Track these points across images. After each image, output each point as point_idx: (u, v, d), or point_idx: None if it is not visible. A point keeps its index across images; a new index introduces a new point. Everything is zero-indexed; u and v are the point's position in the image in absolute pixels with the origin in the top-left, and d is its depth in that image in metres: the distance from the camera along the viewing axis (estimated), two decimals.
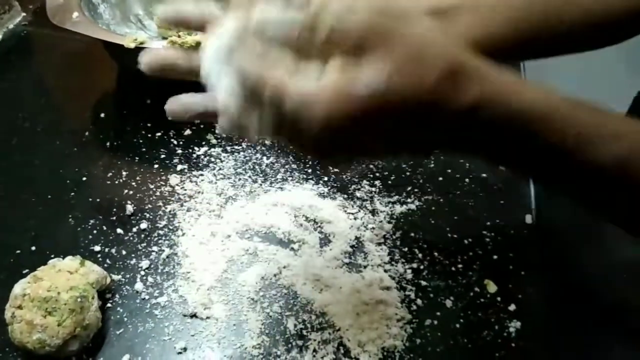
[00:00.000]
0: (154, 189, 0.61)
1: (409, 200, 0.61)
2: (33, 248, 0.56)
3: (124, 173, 0.63)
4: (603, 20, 0.45)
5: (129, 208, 0.59)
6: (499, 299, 0.53)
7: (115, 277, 0.53)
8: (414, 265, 0.55)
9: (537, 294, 0.53)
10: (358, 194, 0.61)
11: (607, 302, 0.53)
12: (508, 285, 0.53)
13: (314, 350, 0.49)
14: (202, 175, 0.63)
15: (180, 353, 0.49)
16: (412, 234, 0.58)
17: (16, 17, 0.82)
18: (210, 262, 0.55)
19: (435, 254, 0.56)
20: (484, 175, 0.63)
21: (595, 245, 0.55)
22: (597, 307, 0.54)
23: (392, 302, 0.52)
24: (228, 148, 0.67)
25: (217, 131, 0.61)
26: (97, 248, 0.56)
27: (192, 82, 0.37)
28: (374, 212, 0.60)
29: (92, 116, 0.70)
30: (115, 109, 0.72)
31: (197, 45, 0.63)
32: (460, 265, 0.55)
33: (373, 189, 0.62)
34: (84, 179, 0.63)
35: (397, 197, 0.61)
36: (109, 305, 0.52)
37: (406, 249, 0.56)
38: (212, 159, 0.65)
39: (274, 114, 0.31)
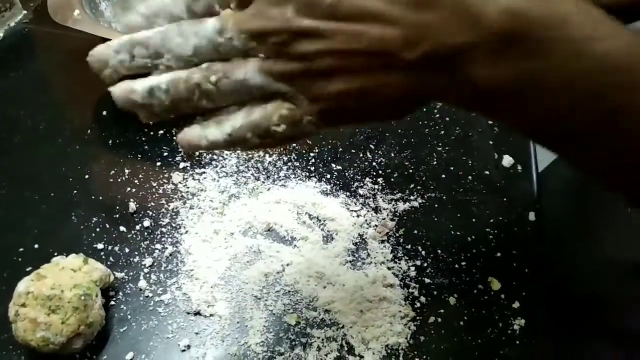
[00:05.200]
0: (157, 187, 0.61)
1: (412, 198, 0.61)
2: (36, 246, 0.56)
3: (127, 171, 0.63)
4: None
5: (132, 206, 0.59)
6: (503, 296, 0.53)
7: (119, 275, 0.53)
8: (418, 263, 0.55)
9: (541, 292, 0.53)
10: (361, 191, 0.61)
11: (612, 300, 0.53)
12: (512, 283, 0.54)
13: (318, 348, 0.49)
14: (205, 173, 0.63)
15: (184, 351, 0.49)
16: (416, 232, 0.58)
17: (17, 15, 0.82)
18: (214, 260, 0.55)
19: (439, 251, 0.56)
20: (487, 172, 0.63)
21: (599, 243, 0.55)
22: (601, 305, 0.54)
23: (396, 299, 0.52)
24: None
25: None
26: (100, 246, 0.56)
27: None
28: (377, 209, 0.60)
29: (94, 114, 0.70)
30: (117, 107, 0.71)
31: None
32: (464, 263, 0.55)
33: (376, 186, 0.62)
34: (87, 177, 0.62)
35: (400, 194, 0.61)
36: (112, 303, 0.52)
37: (410, 247, 0.56)
38: (215, 157, 0.65)
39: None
